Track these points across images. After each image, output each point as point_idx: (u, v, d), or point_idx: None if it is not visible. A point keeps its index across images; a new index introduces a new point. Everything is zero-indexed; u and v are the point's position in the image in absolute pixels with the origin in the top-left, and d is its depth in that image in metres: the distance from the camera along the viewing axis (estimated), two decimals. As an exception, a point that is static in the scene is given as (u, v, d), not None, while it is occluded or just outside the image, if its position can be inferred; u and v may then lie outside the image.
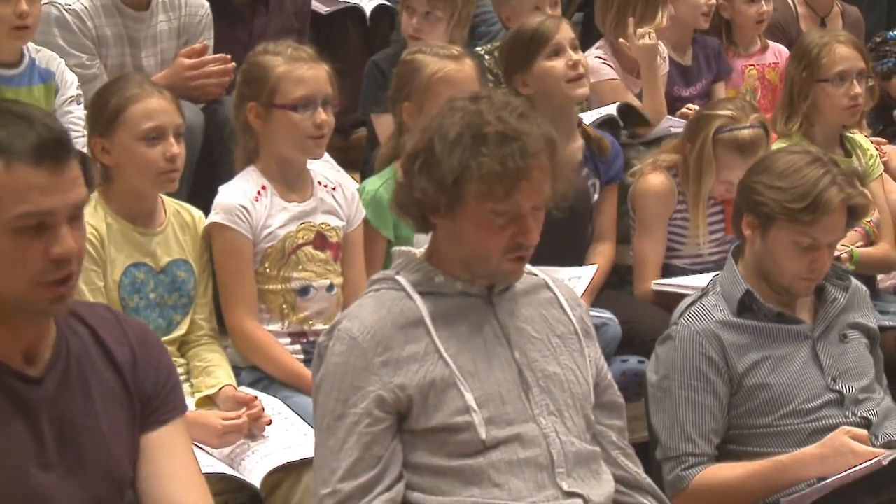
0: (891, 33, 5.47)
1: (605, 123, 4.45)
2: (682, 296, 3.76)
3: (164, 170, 3.23)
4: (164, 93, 3.29)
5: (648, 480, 2.64)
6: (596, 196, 4.10)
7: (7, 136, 2.02)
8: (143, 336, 2.30)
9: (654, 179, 4.07)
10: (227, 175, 3.57)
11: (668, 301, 3.88)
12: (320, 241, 3.48)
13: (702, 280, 3.83)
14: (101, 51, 4.00)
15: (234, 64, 3.97)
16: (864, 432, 2.92)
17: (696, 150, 3.98)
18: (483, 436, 2.41)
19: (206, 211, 3.44)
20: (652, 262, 4.05)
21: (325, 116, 3.41)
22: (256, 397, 3.20)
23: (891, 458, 2.79)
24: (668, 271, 4.09)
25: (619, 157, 4.18)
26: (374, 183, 3.70)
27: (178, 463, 2.26)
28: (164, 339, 3.25)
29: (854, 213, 3.06)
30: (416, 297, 2.48)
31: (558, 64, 3.99)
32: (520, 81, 4.04)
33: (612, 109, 4.51)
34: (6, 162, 2.01)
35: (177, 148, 3.25)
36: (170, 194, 3.40)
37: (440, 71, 3.66)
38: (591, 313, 3.12)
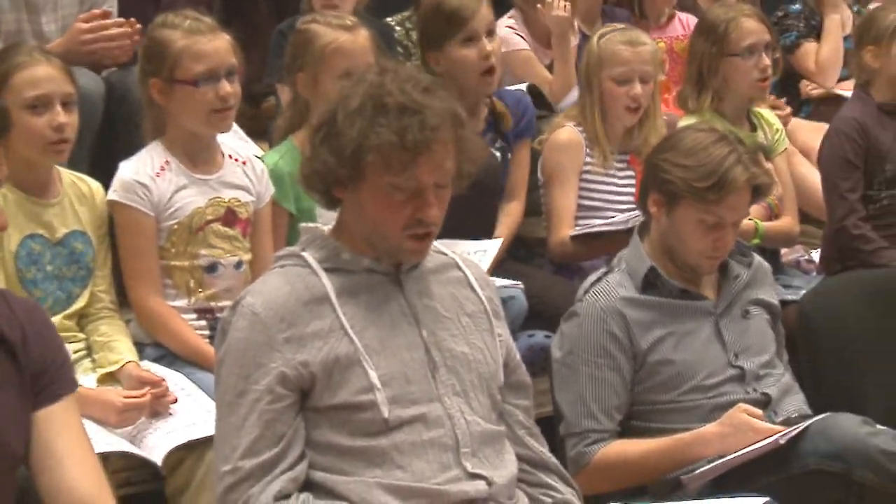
0: (793, 7, 5.51)
1: None
2: (601, 234, 3.78)
3: (51, 139, 3.16)
4: (52, 60, 3.21)
5: (553, 459, 2.64)
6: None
7: None
8: (30, 312, 2.26)
9: (561, 134, 4.09)
10: (132, 146, 3.49)
11: (587, 249, 3.91)
12: (229, 217, 3.43)
13: (618, 219, 3.84)
14: (-4, 16, 3.89)
15: (139, 26, 3.86)
16: (758, 411, 2.96)
17: (584, 56, 4.10)
18: (386, 415, 2.38)
19: (108, 183, 3.37)
20: (565, 210, 4.02)
21: (229, 88, 3.34)
22: (164, 378, 3.15)
23: (789, 435, 2.84)
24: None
25: (528, 111, 4.15)
26: (272, 157, 3.66)
27: (70, 440, 2.23)
28: (63, 312, 3.22)
29: (758, 192, 3.10)
30: (322, 273, 2.44)
31: (471, 53, 3.93)
32: (432, 59, 4.02)
33: (521, 87, 4.50)
34: None
35: (64, 117, 3.16)
36: (69, 165, 3.32)
37: (333, 42, 3.62)
38: (498, 284, 3.11)
